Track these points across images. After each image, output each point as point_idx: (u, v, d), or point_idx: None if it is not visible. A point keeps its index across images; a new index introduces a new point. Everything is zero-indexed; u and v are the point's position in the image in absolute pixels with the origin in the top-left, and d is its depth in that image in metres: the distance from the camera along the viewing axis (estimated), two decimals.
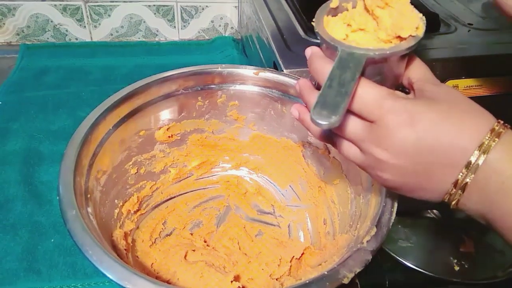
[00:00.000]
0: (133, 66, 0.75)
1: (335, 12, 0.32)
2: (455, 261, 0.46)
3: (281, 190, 0.51)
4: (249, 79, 0.48)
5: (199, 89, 0.47)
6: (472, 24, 0.59)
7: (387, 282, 0.44)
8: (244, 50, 0.79)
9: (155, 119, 0.45)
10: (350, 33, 0.31)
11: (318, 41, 0.47)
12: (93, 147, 0.37)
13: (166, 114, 0.45)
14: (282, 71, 0.49)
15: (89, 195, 0.35)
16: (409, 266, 0.44)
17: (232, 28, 0.83)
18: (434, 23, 0.57)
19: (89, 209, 0.34)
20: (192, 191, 0.49)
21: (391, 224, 0.32)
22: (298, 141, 0.49)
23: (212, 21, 0.82)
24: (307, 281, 0.28)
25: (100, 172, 0.38)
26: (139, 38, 0.81)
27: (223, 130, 0.50)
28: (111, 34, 0.80)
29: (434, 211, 0.50)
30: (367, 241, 0.31)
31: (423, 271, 0.44)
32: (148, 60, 0.77)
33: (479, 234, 0.48)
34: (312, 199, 0.47)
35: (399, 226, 0.49)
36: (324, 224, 0.44)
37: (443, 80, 0.52)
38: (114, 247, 0.36)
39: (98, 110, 0.39)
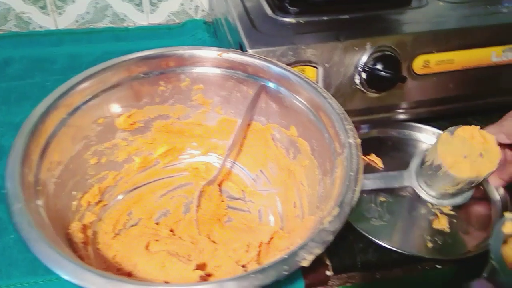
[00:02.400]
0: (101, 53, 0.72)
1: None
2: (428, 238, 0.45)
3: (251, 174, 0.49)
4: (213, 61, 0.46)
5: (160, 73, 0.45)
6: None
7: (359, 263, 0.43)
8: (216, 33, 0.77)
9: (113, 107, 0.43)
10: None
11: (287, 20, 0.46)
12: (44, 137, 0.36)
13: (124, 100, 0.43)
14: (247, 51, 0.47)
15: (40, 187, 0.33)
16: (381, 245, 0.43)
17: (203, 10, 0.81)
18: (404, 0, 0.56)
19: (39, 202, 0.32)
20: (159, 179, 0.48)
21: (354, 203, 0.31)
22: (266, 123, 0.47)
23: (182, 4, 0.79)
24: (265, 266, 0.27)
25: (54, 163, 0.36)
26: (106, 24, 0.78)
27: (189, 115, 0.49)
28: (77, 21, 0.77)
29: (408, 188, 0.50)
30: (328, 222, 0.30)
31: (396, 250, 0.43)
32: (116, 46, 0.74)
33: (453, 211, 0.48)
34: (282, 183, 0.46)
35: (372, 204, 0.48)
36: (294, 207, 0.43)
37: (414, 55, 0.50)
38: (70, 241, 0.34)
39: (48, 99, 0.37)
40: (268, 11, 0.54)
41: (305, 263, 0.28)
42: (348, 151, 0.35)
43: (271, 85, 0.45)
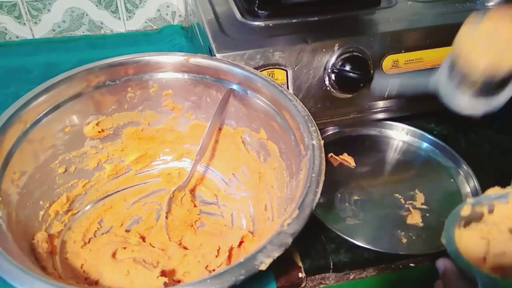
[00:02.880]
0: (77, 61, 0.70)
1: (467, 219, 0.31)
2: (403, 233, 0.46)
3: (224, 178, 0.49)
4: (180, 66, 0.46)
5: (127, 80, 0.45)
6: None
7: (331, 263, 0.43)
8: (192, 38, 0.77)
9: (80, 115, 0.43)
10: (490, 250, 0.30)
11: (256, 23, 0.46)
12: (6, 147, 0.35)
13: (91, 108, 0.43)
14: (215, 55, 0.47)
15: (1, 197, 0.33)
16: (355, 244, 0.43)
17: (180, 16, 0.81)
18: (373, 1, 0.56)
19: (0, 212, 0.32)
20: (131, 186, 0.48)
21: (314, 205, 0.32)
22: (237, 127, 0.47)
23: (158, 10, 0.79)
24: (221, 271, 0.27)
25: (17, 173, 0.36)
26: (83, 32, 0.78)
27: (160, 121, 0.49)
28: (54, 30, 0.77)
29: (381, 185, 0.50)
30: (287, 224, 0.30)
31: (369, 247, 0.43)
32: (93, 54, 0.74)
33: (425, 205, 0.48)
34: (254, 186, 0.46)
35: (347, 204, 0.49)
36: (265, 209, 0.43)
37: (382, 55, 0.51)
38: (34, 251, 0.34)
39: (10, 109, 0.37)
40: (238, 15, 0.54)
41: (263, 267, 0.28)
42: (311, 153, 0.36)
43: (238, 88, 0.45)
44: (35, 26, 0.76)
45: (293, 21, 0.53)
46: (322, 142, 0.37)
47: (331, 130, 0.56)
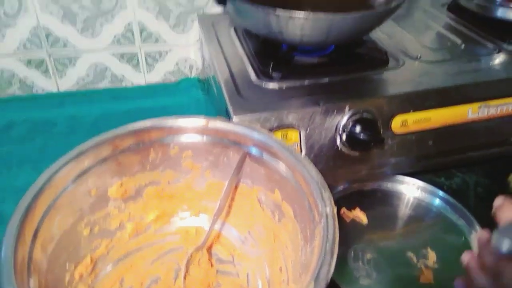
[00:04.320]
0: (100, 114, 0.75)
1: None
2: None
3: (240, 236, 0.51)
4: (200, 129, 0.48)
5: (150, 144, 0.48)
6: (420, 57, 0.61)
7: None
8: (208, 90, 0.80)
9: (105, 178, 0.45)
10: None
11: (271, 87, 0.49)
12: (37, 217, 0.38)
13: (116, 171, 0.46)
14: (232, 118, 0.50)
15: (32, 266, 0.35)
16: None
17: (197, 69, 0.85)
18: (382, 60, 0.59)
19: (31, 282, 0.34)
20: (150, 244, 0.49)
21: (329, 277, 0.33)
22: (252, 186, 0.49)
23: (177, 64, 0.83)
24: None
25: (46, 240, 0.38)
26: (105, 85, 0.83)
27: (179, 180, 0.51)
28: (78, 83, 0.81)
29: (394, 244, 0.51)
30: None
31: None
32: (114, 106, 0.78)
33: (438, 265, 0.49)
34: (269, 245, 0.48)
35: (360, 263, 0.49)
36: (280, 271, 0.45)
37: (391, 116, 0.53)
38: None
39: (43, 177, 0.39)
40: (253, 76, 0.58)
41: None
42: (325, 221, 0.37)
43: (254, 151, 0.47)
44: (60, 80, 0.80)
45: (305, 82, 0.56)
46: (335, 209, 0.38)
47: (342, 185, 0.58)
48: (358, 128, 0.51)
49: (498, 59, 0.60)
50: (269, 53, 0.61)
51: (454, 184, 0.59)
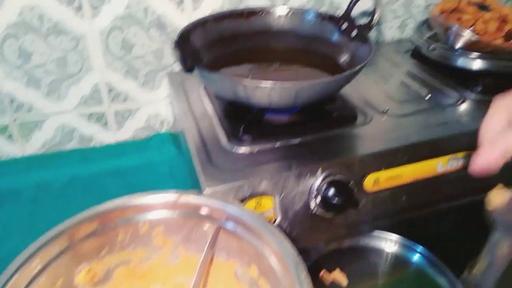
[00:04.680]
0: (68, 178, 0.73)
1: None
2: None
3: None
4: (171, 205, 0.47)
5: (118, 224, 0.46)
6: (387, 111, 0.62)
7: None
8: (180, 145, 0.79)
9: (71, 267, 0.43)
10: None
11: (242, 151, 0.50)
12: None
13: (82, 258, 0.44)
14: (204, 190, 0.49)
15: None
16: None
17: (168, 123, 0.84)
18: (351, 116, 0.59)
19: None
20: None
21: None
22: (228, 260, 0.48)
23: (147, 120, 0.82)
24: None
25: None
26: (73, 146, 0.80)
27: (151, 257, 0.49)
28: (44, 146, 0.79)
29: None
30: None
31: None
32: (83, 168, 0.75)
33: None
34: None
35: None
36: None
37: (363, 175, 0.53)
38: None
39: (1, 278, 0.37)
40: (223, 139, 0.57)
41: None
42: None
43: (228, 224, 0.46)
44: (25, 144, 0.78)
45: (277, 145, 0.55)
46: None
47: (320, 245, 0.57)
48: (331, 191, 0.50)
49: (463, 109, 0.62)
50: (239, 114, 0.60)
51: (430, 236, 0.59)
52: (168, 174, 0.74)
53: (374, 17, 0.59)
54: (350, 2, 0.64)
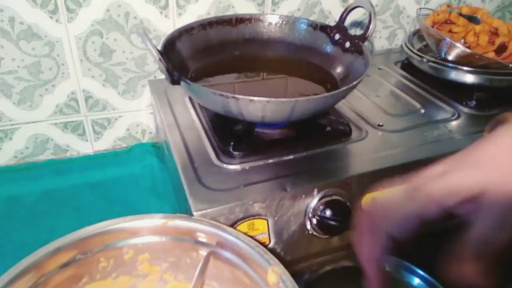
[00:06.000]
0: (41, 193, 0.68)
1: None
2: None
3: None
4: (158, 230, 0.43)
5: (100, 250, 0.42)
6: (382, 125, 0.60)
7: None
8: (162, 157, 0.75)
9: None
10: None
11: (233, 167, 0.46)
12: None
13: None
14: (192, 215, 0.45)
15: None
16: None
17: (150, 133, 0.80)
18: (345, 131, 0.57)
19: None
20: None
21: None
22: None
23: (128, 129, 0.78)
24: None
25: None
26: (47, 157, 0.75)
27: (135, 285, 0.45)
28: (16, 157, 0.73)
29: None
30: None
31: None
32: (58, 182, 0.70)
33: None
34: None
35: None
36: None
37: (360, 194, 0.51)
38: None
39: None
40: (212, 155, 0.53)
41: None
42: None
43: (219, 251, 0.43)
44: None
45: (269, 161, 0.52)
46: None
47: (317, 267, 0.54)
48: (328, 212, 0.48)
49: (458, 124, 0.61)
50: (228, 126, 0.57)
51: (431, 258, 0.58)
52: (150, 187, 0.69)
53: (370, 28, 0.56)
54: (343, 12, 0.62)
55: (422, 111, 0.64)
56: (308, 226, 0.49)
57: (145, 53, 0.70)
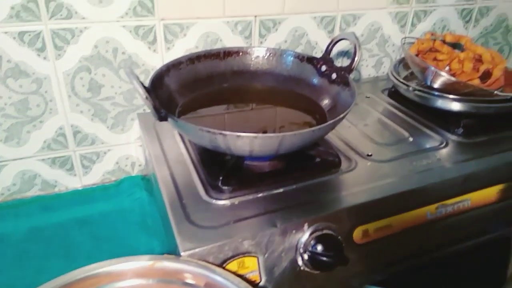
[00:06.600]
0: (27, 230, 0.66)
1: None
2: None
3: None
4: (145, 272, 0.42)
5: None
6: (371, 155, 0.60)
7: None
8: (152, 189, 0.74)
9: None
10: None
11: (222, 202, 0.49)
12: None
13: None
14: (180, 254, 0.44)
15: None
16: None
17: (140, 165, 0.79)
18: (334, 162, 0.57)
19: None
20: None
21: None
22: None
23: (117, 163, 0.77)
24: None
25: None
26: (35, 193, 0.74)
27: None
28: (2, 193, 0.72)
29: None
30: None
31: None
32: (45, 218, 0.69)
33: None
34: None
35: None
36: None
37: (352, 227, 0.50)
38: None
39: None
40: (201, 190, 0.53)
41: None
42: None
43: None
44: None
45: (259, 195, 0.52)
46: None
47: None
48: (319, 248, 0.47)
49: (447, 152, 0.61)
50: (217, 160, 0.57)
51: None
52: (139, 222, 0.68)
53: (355, 60, 0.57)
54: (329, 45, 0.63)
55: (411, 139, 0.64)
56: (300, 262, 0.48)
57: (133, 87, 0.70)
